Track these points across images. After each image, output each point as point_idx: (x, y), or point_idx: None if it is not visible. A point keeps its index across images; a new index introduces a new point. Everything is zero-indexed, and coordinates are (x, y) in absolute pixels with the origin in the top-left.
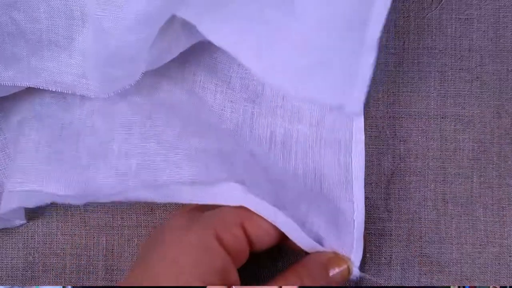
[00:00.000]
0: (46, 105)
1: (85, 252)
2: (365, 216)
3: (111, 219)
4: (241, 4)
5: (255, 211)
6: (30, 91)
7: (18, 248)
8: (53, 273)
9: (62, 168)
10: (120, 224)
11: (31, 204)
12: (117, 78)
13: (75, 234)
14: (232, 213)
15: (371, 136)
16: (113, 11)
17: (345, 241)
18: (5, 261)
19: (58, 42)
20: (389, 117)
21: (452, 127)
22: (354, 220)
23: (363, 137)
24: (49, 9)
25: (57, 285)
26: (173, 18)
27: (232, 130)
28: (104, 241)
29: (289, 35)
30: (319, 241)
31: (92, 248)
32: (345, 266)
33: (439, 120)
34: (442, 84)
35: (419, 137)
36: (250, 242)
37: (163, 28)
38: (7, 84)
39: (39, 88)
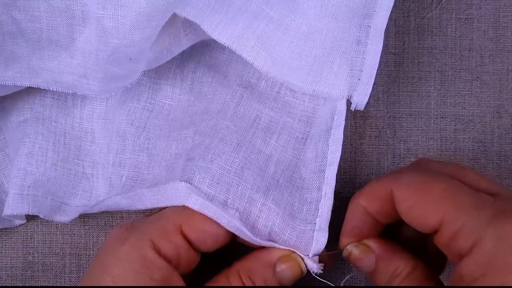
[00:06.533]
0: (47, 106)
1: (85, 252)
2: None
3: (110, 218)
4: (245, 1)
5: (199, 211)
6: (30, 91)
7: (18, 247)
8: (53, 273)
9: (68, 176)
10: (119, 224)
11: (42, 212)
12: (117, 77)
13: (74, 234)
14: (172, 218)
15: (371, 136)
16: (114, 10)
17: (304, 232)
18: (4, 261)
19: (58, 41)
20: (389, 117)
21: (452, 127)
22: (318, 210)
23: (343, 121)
24: (49, 8)
25: (57, 285)
26: (174, 16)
27: (219, 111)
28: (103, 241)
29: (294, 29)
30: (273, 237)
31: (91, 248)
32: (293, 263)
33: (439, 120)
34: (442, 84)
35: (419, 137)
36: (193, 246)
37: (164, 27)
38: (7, 84)
39: (40, 88)
